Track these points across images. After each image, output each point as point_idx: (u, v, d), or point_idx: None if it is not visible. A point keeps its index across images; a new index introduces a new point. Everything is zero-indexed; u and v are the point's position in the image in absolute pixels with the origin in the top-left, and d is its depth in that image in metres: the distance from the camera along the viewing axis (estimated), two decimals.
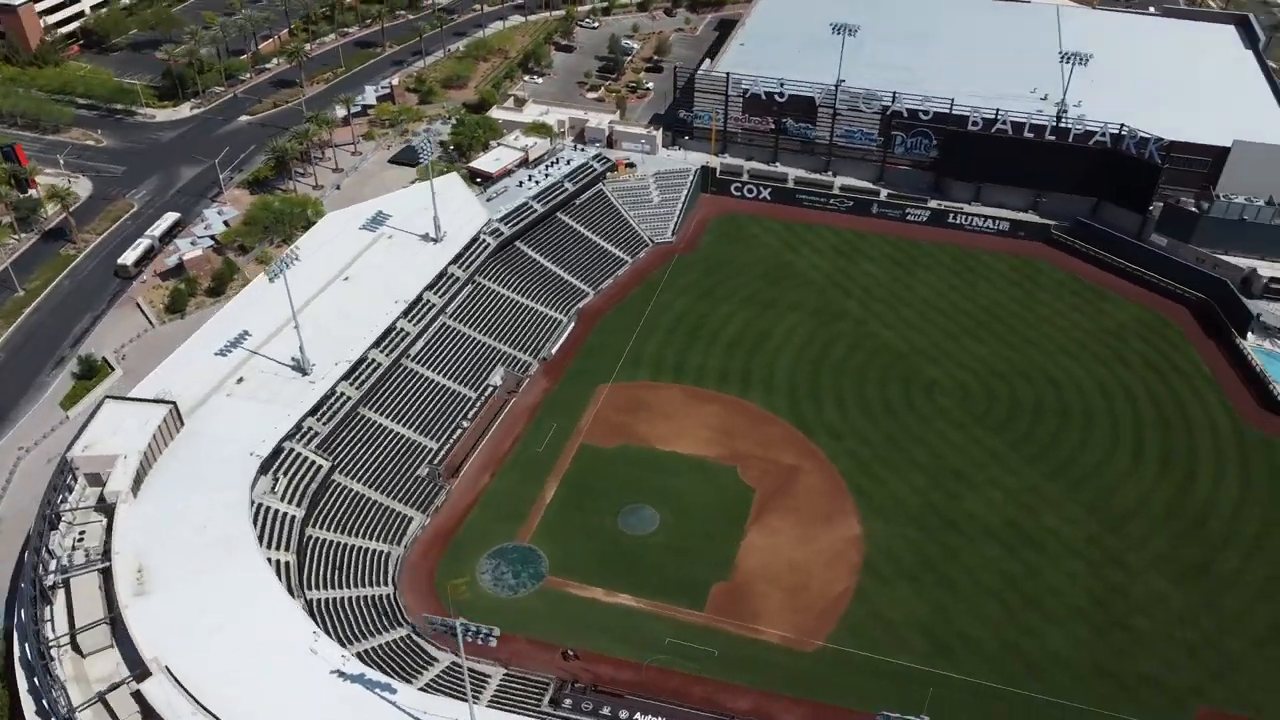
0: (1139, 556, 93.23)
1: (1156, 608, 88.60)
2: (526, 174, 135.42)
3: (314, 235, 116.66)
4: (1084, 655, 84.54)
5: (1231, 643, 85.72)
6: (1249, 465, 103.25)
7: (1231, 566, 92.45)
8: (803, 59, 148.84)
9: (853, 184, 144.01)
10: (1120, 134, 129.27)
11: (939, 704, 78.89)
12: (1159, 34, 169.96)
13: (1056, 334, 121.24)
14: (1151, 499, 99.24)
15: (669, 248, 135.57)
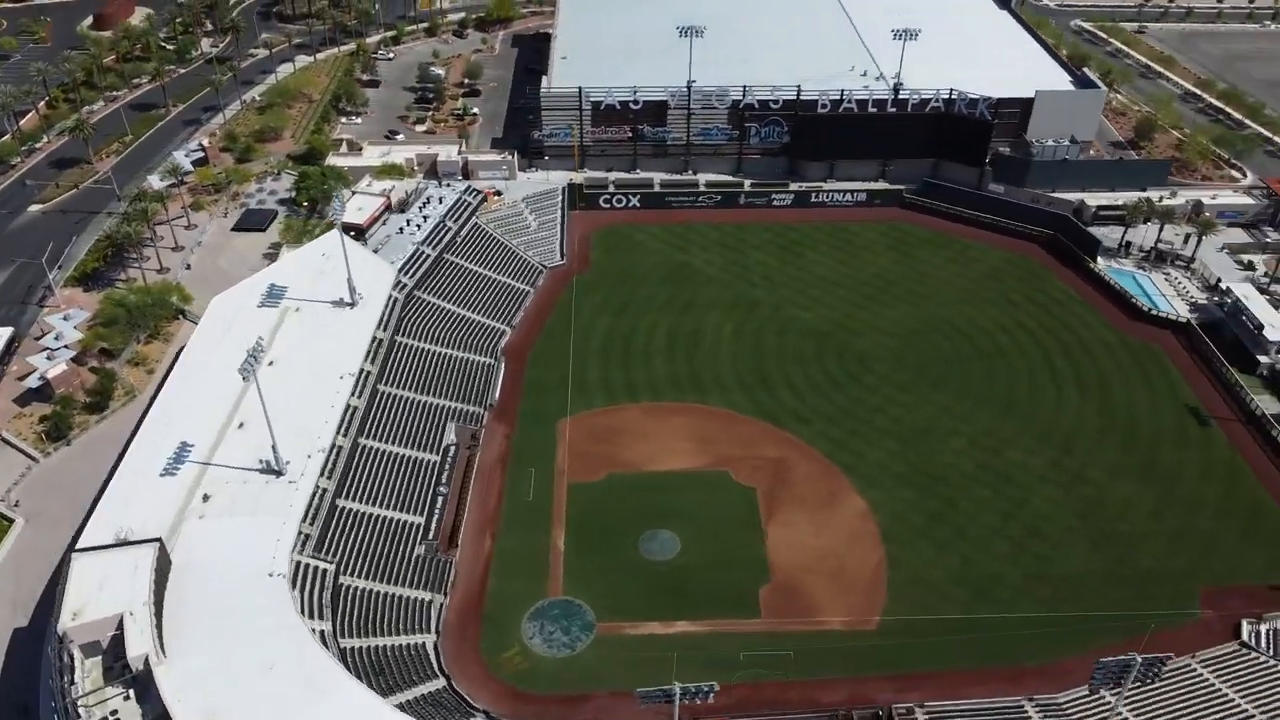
0: (1098, 470, 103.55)
1: (1131, 510, 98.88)
2: (404, 219, 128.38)
3: (211, 323, 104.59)
4: (1093, 567, 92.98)
5: (1201, 523, 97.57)
6: (1145, 369, 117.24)
7: (1172, 459, 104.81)
8: (631, 66, 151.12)
9: (716, 179, 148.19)
10: (951, 98, 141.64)
11: (996, 644, 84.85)
12: (925, 3, 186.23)
13: (944, 287, 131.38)
14: (1085, 417, 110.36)
15: (564, 270, 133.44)
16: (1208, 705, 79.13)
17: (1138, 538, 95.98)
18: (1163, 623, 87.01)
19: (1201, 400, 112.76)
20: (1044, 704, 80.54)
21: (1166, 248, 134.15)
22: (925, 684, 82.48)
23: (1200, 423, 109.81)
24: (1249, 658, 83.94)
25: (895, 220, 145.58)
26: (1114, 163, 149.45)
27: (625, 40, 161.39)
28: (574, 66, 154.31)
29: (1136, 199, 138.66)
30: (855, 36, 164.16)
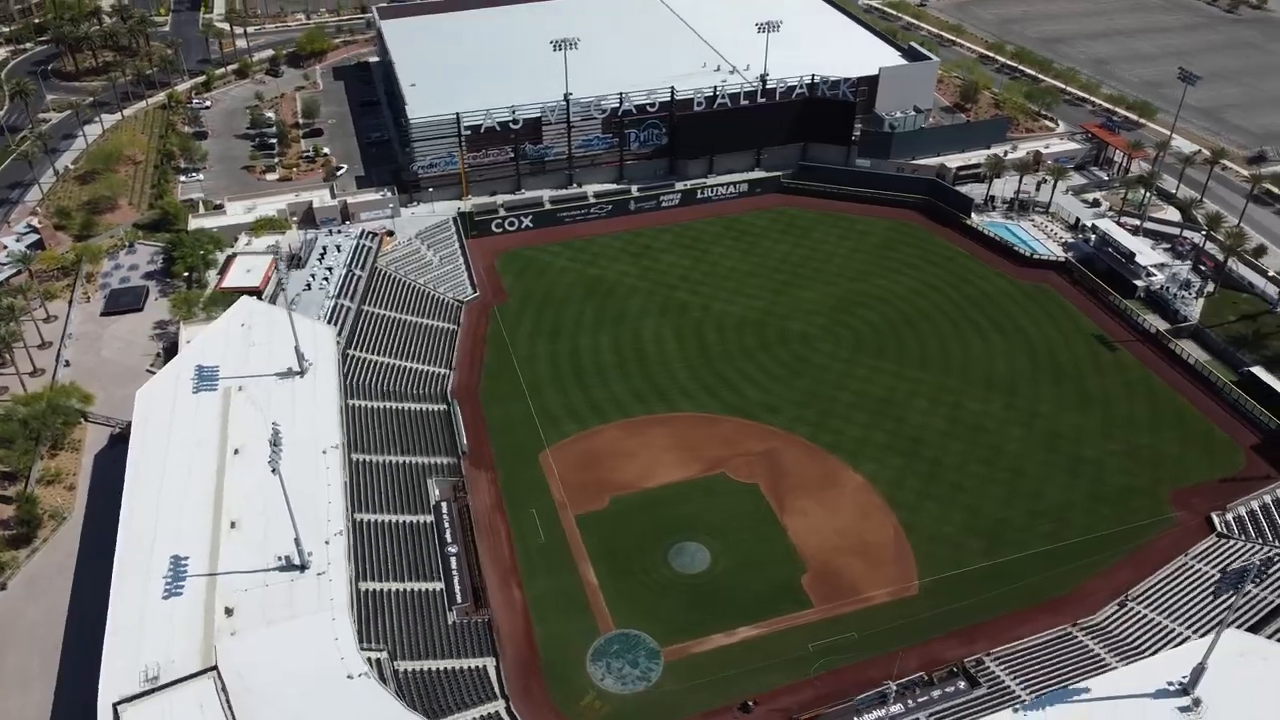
0: (1045, 405, 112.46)
1: (1085, 436, 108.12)
2: (305, 274, 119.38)
3: (145, 420, 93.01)
4: (1076, 494, 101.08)
5: (1142, 438, 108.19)
6: (1045, 308, 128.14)
7: (1098, 385, 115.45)
8: (483, 87, 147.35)
9: (602, 189, 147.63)
10: (815, 82, 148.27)
11: (1024, 583, 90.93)
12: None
13: (847, 262, 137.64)
14: (1015, 360, 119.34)
15: (480, 302, 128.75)
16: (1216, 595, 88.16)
17: (1100, 460, 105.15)
18: (1149, 530, 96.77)
19: (1102, 328, 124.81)
20: (1088, 626, 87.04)
21: (1026, 197, 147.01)
22: (981, 634, 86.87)
23: (1109, 348, 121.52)
24: (1230, 545, 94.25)
25: (779, 206, 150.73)
26: (962, 126, 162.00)
27: (466, 63, 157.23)
28: (427, 93, 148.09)
29: (986, 156, 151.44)
30: (694, 36, 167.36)
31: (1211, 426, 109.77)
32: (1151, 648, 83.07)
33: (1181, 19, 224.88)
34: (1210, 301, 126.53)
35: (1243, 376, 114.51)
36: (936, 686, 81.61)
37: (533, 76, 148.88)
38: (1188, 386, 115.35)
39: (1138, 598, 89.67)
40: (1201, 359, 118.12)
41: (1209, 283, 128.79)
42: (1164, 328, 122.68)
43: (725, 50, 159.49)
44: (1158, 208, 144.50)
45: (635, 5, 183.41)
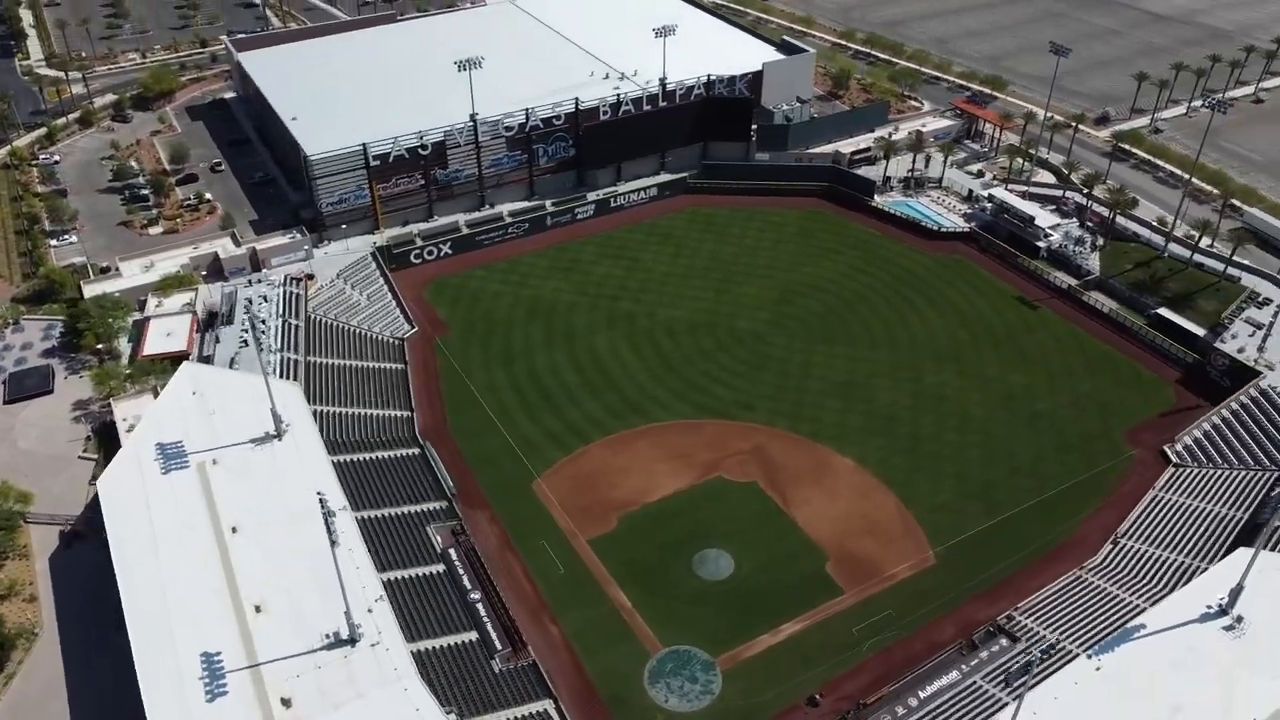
0: (992, 368, 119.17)
1: (1035, 392, 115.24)
2: (238, 330, 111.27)
3: (119, 512, 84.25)
4: (1044, 447, 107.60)
5: (1083, 385, 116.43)
6: (965, 277, 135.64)
7: (1031, 342, 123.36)
8: (372, 111, 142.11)
9: (516, 207, 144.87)
10: (711, 81, 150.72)
11: (1025, 537, 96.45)
12: (607, 6, 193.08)
13: (773, 254, 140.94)
14: (953, 329, 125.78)
15: (421, 337, 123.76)
16: (1195, 519, 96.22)
17: (1054, 412, 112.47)
18: (1115, 470, 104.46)
19: (1019, 289, 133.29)
20: (1094, 568, 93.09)
21: (918, 175, 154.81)
22: (1003, 592, 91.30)
23: (1030, 307, 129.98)
24: (1188, 472, 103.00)
25: (690, 206, 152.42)
26: (848, 113, 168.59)
27: (344, 91, 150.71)
28: (314, 126, 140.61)
29: (874, 139, 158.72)
30: (573, 47, 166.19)
31: (1138, 368, 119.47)
32: (1157, 578, 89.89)
33: None
34: (1104, 254, 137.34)
35: (1151, 319, 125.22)
36: (981, 648, 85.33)
37: (419, 99, 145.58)
38: (1107, 334, 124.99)
39: (1127, 534, 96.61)
40: (1112, 307, 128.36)
41: (1098, 237, 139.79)
42: (1073, 283, 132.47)
43: (607, 57, 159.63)
44: (1034, 173, 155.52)
45: (499, 22, 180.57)
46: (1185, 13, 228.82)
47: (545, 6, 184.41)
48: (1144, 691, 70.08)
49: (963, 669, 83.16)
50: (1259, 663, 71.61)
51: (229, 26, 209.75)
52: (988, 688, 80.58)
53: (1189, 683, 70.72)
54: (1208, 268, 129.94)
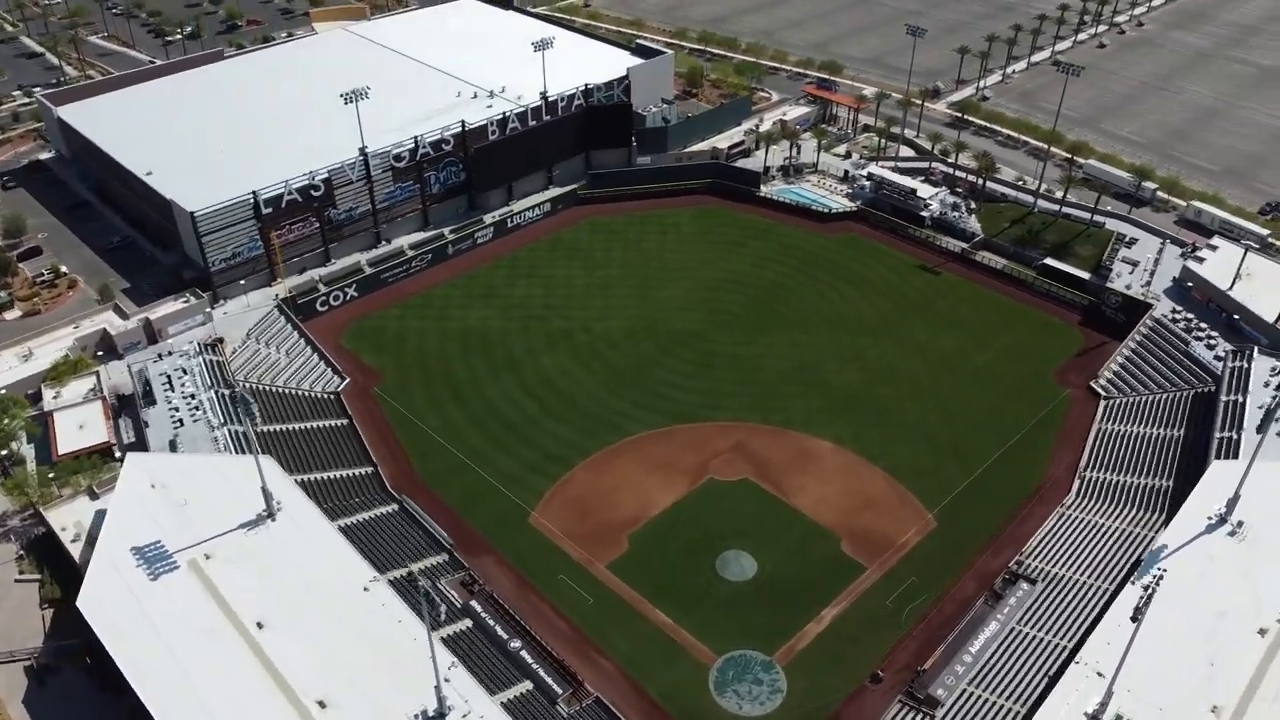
0: (921, 335, 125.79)
1: (967, 351, 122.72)
2: (164, 411, 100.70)
3: (116, 630, 74.39)
4: (991, 400, 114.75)
5: (1004, 339, 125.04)
6: (865, 255, 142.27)
7: (946, 306, 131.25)
8: (235, 157, 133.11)
9: (415, 239, 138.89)
10: (589, 89, 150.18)
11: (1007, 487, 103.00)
12: (432, 21, 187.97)
13: (681, 254, 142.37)
14: (875, 304, 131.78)
15: (356, 388, 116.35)
16: (1141, 444, 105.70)
17: (989, 367, 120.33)
18: (1058, 410, 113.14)
19: (918, 258, 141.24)
20: (1072, 505, 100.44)
21: (793, 162, 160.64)
22: (1004, 540, 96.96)
23: (933, 274, 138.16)
24: (1118, 402, 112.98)
25: (586, 217, 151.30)
26: (717, 110, 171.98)
27: (194, 136, 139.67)
28: (174, 179, 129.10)
29: (745, 133, 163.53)
30: (430, 69, 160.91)
31: (1044, 315, 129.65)
32: (1130, 502, 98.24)
33: None
34: (980, 216, 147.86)
35: (1040, 269, 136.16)
36: (1006, 595, 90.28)
37: (280, 138, 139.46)
38: (1007, 288, 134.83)
39: (1088, 468, 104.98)
40: (1003, 263, 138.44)
41: (971, 201, 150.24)
42: (964, 245, 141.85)
43: (466, 77, 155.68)
44: (897, 149, 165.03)
45: (340, 51, 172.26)
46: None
47: (383, 33, 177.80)
48: (1189, 603, 76.52)
49: (999, 618, 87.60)
50: (1272, 559, 79.86)
51: (17, 81, 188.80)
52: (1033, 633, 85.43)
53: (1222, 588, 77.87)
54: (1074, 217, 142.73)
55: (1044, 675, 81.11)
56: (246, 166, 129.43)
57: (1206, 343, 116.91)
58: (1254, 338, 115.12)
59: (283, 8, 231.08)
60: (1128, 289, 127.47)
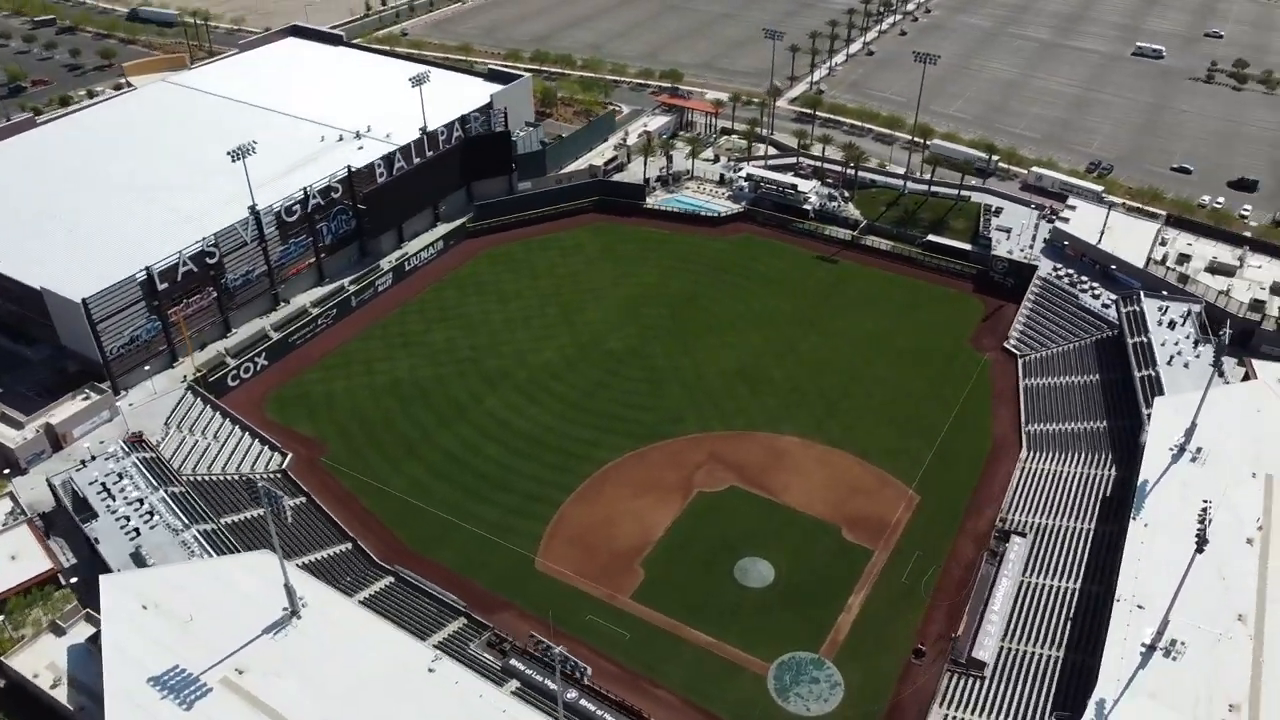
0: (842, 322, 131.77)
1: (885, 332, 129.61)
2: (114, 522, 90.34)
3: None
4: (924, 374, 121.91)
5: (913, 316, 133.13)
6: (766, 254, 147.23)
7: (852, 290, 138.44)
8: (97, 230, 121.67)
9: (315, 296, 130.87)
10: (467, 119, 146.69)
11: (970, 449, 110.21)
12: (261, 64, 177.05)
13: (590, 275, 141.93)
14: (791, 298, 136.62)
15: (303, 461, 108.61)
16: (1068, 392, 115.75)
17: (910, 345, 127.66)
18: (983, 374, 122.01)
19: (813, 251, 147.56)
20: (1027, 458, 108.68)
21: (670, 172, 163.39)
22: (981, 501, 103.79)
23: (831, 263, 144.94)
24: (1034, 358, 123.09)
25: (481, 250, 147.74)
26: (585, 128, 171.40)
27: (36, 217, 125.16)
28: (33, 263, 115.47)
29: (615, 147, 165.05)
30: (279, 116, 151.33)
31: (941, 289, 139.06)
32: (1078, 446, 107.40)
33: None
34: (856, 204, 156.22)
35: (924, 246, 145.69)
36: (1006, 551, 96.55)
37: (142, 203, 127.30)
38: (900, 267, 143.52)
39: (1028, 422, 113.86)
40: (890, 245, 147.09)
41: (844, 190, 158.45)
42: (852, 233, 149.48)
43: (322, 119, 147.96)
44: (765, 149, 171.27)
45: (171, 104, 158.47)
46: None
47: (213, 81, 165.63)
48: (1183, 528, 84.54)
49: (1007, 574, 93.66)
50: (1234, 476, 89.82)
51: None
52: (1040, 581, 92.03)
53: (1215, 505, 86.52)
54: (942, 195, 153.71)
55: (1066, 618, 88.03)
56: (108, 241, 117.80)
57: (1091, 294, 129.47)
58: (1128, 283, 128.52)
59: (69, 64, 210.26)
60: (1009, 254, 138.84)
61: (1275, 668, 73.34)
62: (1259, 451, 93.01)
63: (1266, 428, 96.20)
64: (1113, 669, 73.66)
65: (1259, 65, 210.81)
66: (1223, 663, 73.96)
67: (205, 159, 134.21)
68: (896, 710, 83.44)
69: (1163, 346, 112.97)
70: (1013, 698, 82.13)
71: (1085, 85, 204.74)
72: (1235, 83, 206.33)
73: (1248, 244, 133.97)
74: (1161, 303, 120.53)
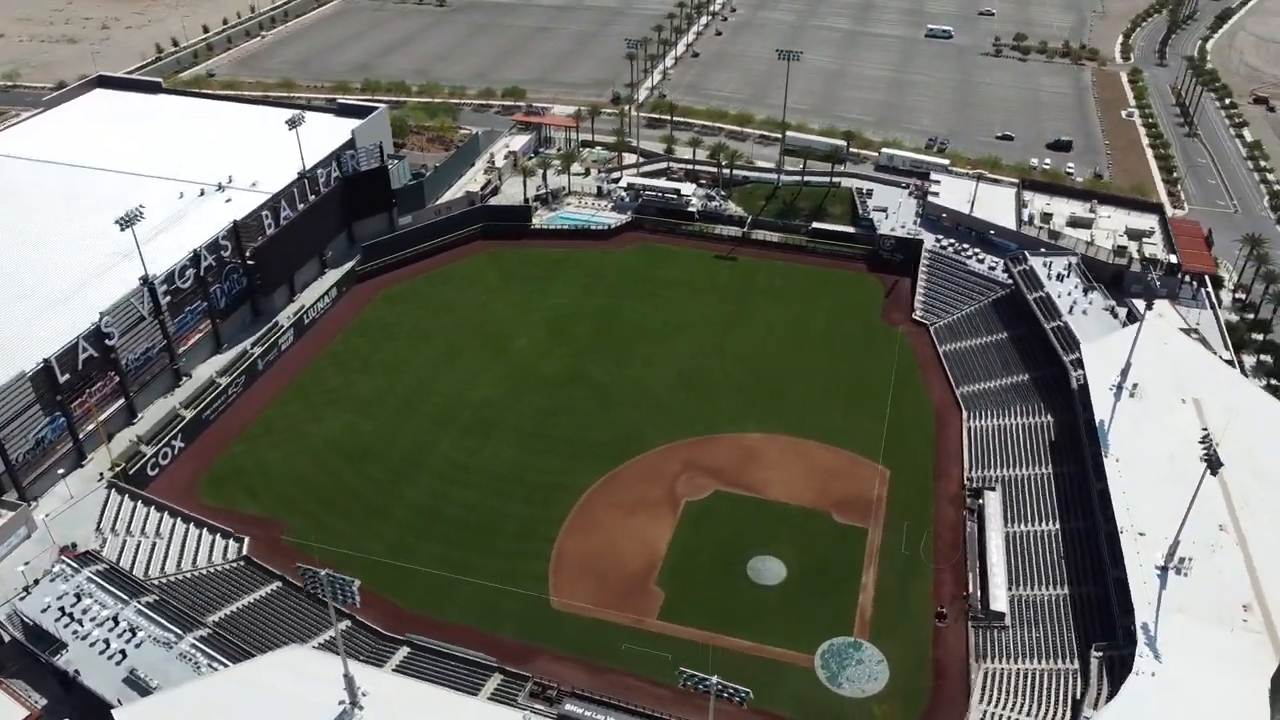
0: (761, 317, 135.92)
1: (803, 321, 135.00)
2: (85, 648, 79.93)
3: None
4: (851, 356, 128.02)
5: (822, 301, 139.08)
6: (667, 257, 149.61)
7: (761, 286, 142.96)
8: None
9: (219, 365, 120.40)
10: (340, 156, 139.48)
11: (909, 420, 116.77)
12: (73, 122, 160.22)
13: (503, 302, 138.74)
14: (706, 301, 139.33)
15: (263, 545, 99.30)
16: (986, 350, 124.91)
17: (830, 327, 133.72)
18: (902, 345, 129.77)
19: (710, 251, 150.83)
20: (969, 418, 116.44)
21: (549, 190, 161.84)
22: (943, 465, 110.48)
23: (732, 260, 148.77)
24: (942, 324, 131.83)
25: (376, 293, 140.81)
26: (452, 155, 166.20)
27: None
28: None
29: (485, 171, 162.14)
30: (119, 176, 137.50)
31: (839, 273, 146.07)
32: (1013, 399, 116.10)
33: (416, 22, 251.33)
34: (736, 201, 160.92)
35: (811, 234, 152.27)
36: (983, 505, 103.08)
37: None
38: (796, 257, 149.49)
39: (958, 385, 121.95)
40: (779, 237, 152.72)
41: (720, 189, 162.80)
42: (741, 230, 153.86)
43: (172, 173, 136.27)
44: (635, 158, 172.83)
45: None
46: (577, 1, 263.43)
47: (22, 144, 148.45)
48: (1147, 458, 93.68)
49: (993, 528, 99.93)
50: (1169, 404, 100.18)
51: None
52: (1024, 529, 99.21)
53: (1156, 438, 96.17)
54: (813, 184, 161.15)
55: (1059, 557, 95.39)
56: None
57: (976, 259, 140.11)
58: (1005, 246, 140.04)
59: None
60: (893, 232, 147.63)
61: (1265, 565, 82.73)
62: (1179, 379, 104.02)
63: (1177, 357, 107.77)
64: (1140, 594, 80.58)
65: (1035, 37, 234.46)
66: (1223, 570, 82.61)
67: (57, 233, 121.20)
68: (940, 674, 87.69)
69: (1060, 299, 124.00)
70: (1040, 639, 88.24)
71: (897, 69, 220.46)
72: (1020, 54, 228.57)
73: (1095, 197, 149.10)
74: (1043, 259, 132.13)
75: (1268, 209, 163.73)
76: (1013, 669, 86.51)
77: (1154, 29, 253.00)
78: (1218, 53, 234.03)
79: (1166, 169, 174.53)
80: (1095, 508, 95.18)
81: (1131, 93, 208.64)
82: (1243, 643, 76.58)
